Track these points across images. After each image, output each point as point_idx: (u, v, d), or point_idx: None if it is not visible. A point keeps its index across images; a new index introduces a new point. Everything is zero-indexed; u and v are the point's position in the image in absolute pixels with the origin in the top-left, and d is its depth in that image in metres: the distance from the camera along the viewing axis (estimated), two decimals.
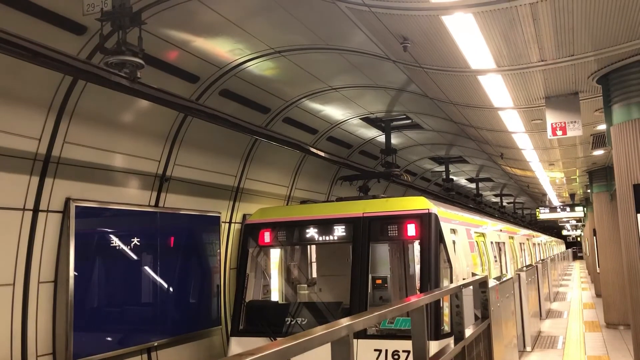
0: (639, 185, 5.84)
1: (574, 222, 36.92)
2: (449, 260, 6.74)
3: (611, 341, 11.00)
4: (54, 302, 5.69)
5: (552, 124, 7.05)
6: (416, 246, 7.13)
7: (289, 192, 10.35)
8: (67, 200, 5.79)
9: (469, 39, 5.16)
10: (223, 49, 6.46)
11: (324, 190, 11.70)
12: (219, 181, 8.29)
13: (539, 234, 27.07)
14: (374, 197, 8.00)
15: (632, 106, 5.95)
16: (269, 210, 7.74)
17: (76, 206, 5.84)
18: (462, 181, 18.96)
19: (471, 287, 5.62)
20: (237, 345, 6.93)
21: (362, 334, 6.06)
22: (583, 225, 33.50)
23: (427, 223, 6.61)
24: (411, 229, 6.66)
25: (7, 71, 4.95)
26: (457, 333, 4.38)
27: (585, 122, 7.89)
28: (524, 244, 16.17)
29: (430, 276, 6.41)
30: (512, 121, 8.42)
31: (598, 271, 16.78)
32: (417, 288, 6.77)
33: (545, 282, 15.73)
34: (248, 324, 7.05)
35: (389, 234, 6.84)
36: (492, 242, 10.47)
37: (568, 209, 21.70)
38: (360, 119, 10.17)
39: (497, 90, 6.82)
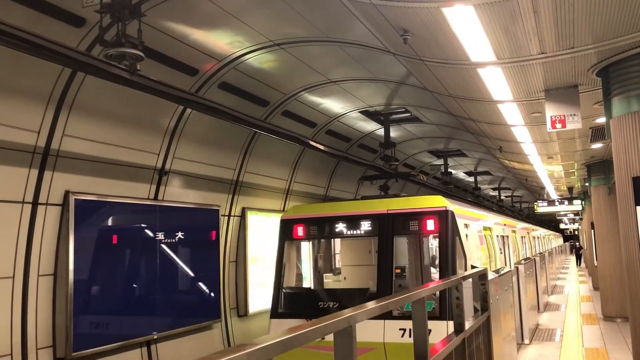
0: (638, 178, 5.84)
1: (571, 216, 36.99)
2: (463, 252, 7.49)
3: (609, 334, 11.05)
4: (54, 295, 5.69)
5: (551, 116, 7.05)
6: (434, 240, 8.20)
7: (288, 186, 10.35)
8: (67, 193, 5.79)
9: (470, 31, 5.14)
10: (222, 41, 6.43)
11: (323, 183, 11.70)
12: (218, 174, 8.28)
13: (538, 227, 27.34)
14: (396, 195, 8.84)
15: (631, 99, 5.94)
16: (302, 207, 8.51)
17: (75, 199, 5.83)
18: (461, 174, 18.97)
19: (470, 279, 5.64)
20: (276, 326, 7.67)
21: (389, 316, 6.81)
22: (581, 219, 33.57)
23: (445, 219, 7.40)
24: (430, 224, 7.46)
25: (6, 63, 4.92)
26: (457, 325, 4.40)
27: (584, 115, 7.89)
28: (524, 237, 17.19)
29: (448, 266, 7.18)
30: (512, 114, 8.42)
31: (596, 264, 16.84)
32: (433, 276, 7.96)
33: (543, 275, 15.78)
34: (285, 307, 7.87)
35: (411, 229, 7.69)
36: (497, 236, 11.24)
37: (566, 202, 21.73)
38: (359, 112, 10.15)
39: (496, 83, 6.81)
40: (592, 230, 16.60)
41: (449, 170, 15.69)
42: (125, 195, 6.57)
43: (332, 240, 9.59)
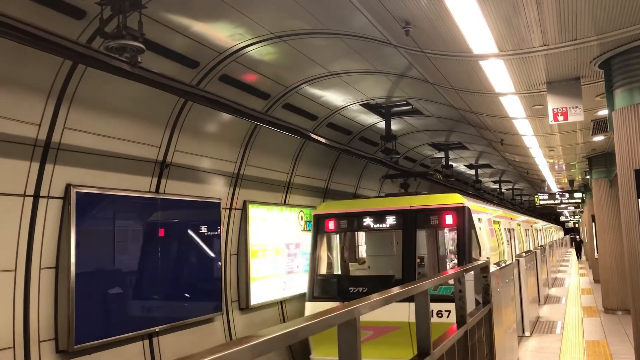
0: None
1: (572, 209, 37.00)
2: (478, 243, 8.44)
3: (609, 326, 11.08)
4: (56, 288, 5.69)
5: (553, 109, 7.03)
6: (449, 232, 9.31)
7: (289, 179, 10.34)
8: (68, 187, 5.78)
9: (472, 23, 5.12)
10: (223, 33, 6.41)
11: (324, 177, 11.69)
12: (219, 167, 8.27)
13: (540, 220, 27.79)
14: (417, 193, 9.96)
15: (634, 91, 5.92)
16: (332, 204, 9.56)
17: (77, 192, 5.83)
18: (462, 167, 18.95)
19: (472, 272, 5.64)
20: (311, 308, 8.68)
21: (412, 299, 7.33)
22: (581, 212, 33.57)
23: (462, 214, 8.36)
24: (449, 219, 8.43)
25: (6, 56, 4.90)
26: (459, 318, 4.40)
27: (586, 108, 7.87)
28: (528, 230, 18.29)
29: (465, 255, 8.10)
30: (513, 107, 8.40)
31: (596, 257, 16.85)
32: (448, 265, 9.11)
33: (543, 268, 15.81)
34: (320, 292, 8.92)
35: (432, 223, 8.63)
36: (505, 229, 12.13)
37: (567, 195, 21.72)
38: (360, 105, 10.13)
39: (498, 76, 6.79)
40: (593, 223, 16.60)
41: (450, 163, 15.68)
42: (126, 189, 6.56)
43: (357, 232, 10.63)
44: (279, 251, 9.90)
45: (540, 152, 13.05)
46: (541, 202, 22.22)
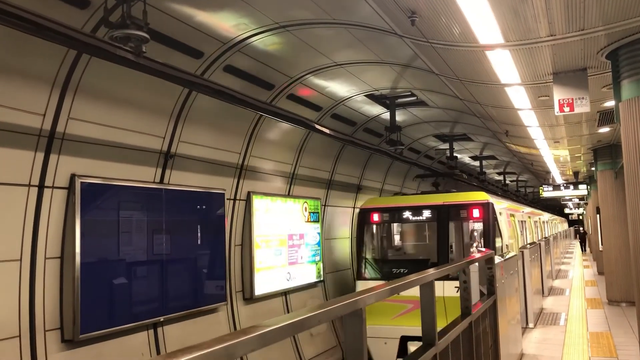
0: None
1: (576, 201, 36.89)
2: (500, 233, 10.18)
3: (613, 318, 11.07)
4: (61, 278, 5.71)
5: (559, 100, 6.99)
6: (474, 224, 10.64)
7: (293, 170, 10.33)
8: (73, 177, 5.78)
9: (478, 12, 5.08)
10: (227, 23, 6.37)
11: (328, 168, 11.67)
12: (223, 158, 8.26)
13: (546, 213, 28.74)
14: (447, 191, 12.16)
15: None
16: (376, 200, 11.80)
17: (81, 182, 5.83)
18: (466, 159, 18.89)
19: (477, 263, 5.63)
20: (361, 285, 10.37)
21: (447, 278, 8.85)
22: (586, 204, 33.49)
23: (487, 209, 10.09)
24: (476, 213, 10.16)
25: (10, 45, 4.89)
26: (464, 309, 4.40)
27: (592, 99, 7.82)
28: (536, 221, 20.37)
29: (490, 243, 9.71)
30: (519, 98, 8.36)
31: (601, 249, 16.82)
32: (473, 251, 10.24)
33: (547, 259, 15.80)
34: (367, 273, 10.87)
35: (461, 216, 10.38)
36: (518, 221, 14.08)
37: (571, 187, 21.65)
38: (364, 95, 10.09)
39: (504, 66, 6.75)
40: (598, 215, 16.56)
41: (455, 154, 15.63)
42: (131, 179, 6.56)
43: (398, 224, 12.29)
44: (283, 242, 9.92)
45: (546, 143, 13.00)
46: (545, 194, 22.14)
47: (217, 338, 1.49)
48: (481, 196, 10.38)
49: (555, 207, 51.46)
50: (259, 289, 8.97)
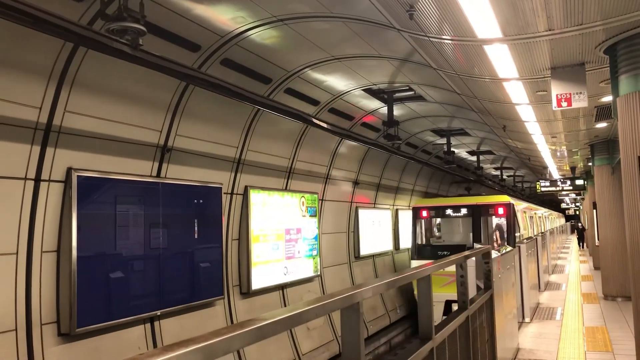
0: None
1: (573, 196, 36.95)
2: (518, 227, 14.22)
3: (609, 313, 11.11)
4: (57, 271, 5.70)
5: (557, 95, 6.98)
6: (498, 219, 14.65)
7: (291, 164, 10.32)
8: (69, 170, 5.76)
9: (477, 6, 5.06)
10: (225, 16, 6.34)
11: (325, 162, 11.67)
12: (220, 152, 8.24)
13: (543, 208, 30.41)
14: (479, 194, 16.71)
15: (639, 77, 5.88)
16: (424, 200, 16.11)
17: (78, 176, 5.81)
18: (463, 154, 18.89)
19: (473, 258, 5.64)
20: (415, 264, 13.78)
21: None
22: (582, 199, 33.55)
23: (509, 208, 14.28)
24: (501, 211, 14.30)
25: (6, 37, 4.86)
26: (461, 303, 4.40)
27: (590, 94, 7.81)
28: (541, 217, 25.09)
29: (511, 235, 13.68)
30: (517, 92, 8.35)
31: (597, 244, 16.86)
32: (497, 243, 14.18)
33: (544, 254, 15.85)
34: (418, 255, 15.02)
35: (490, 213, 14.68)
36: (529, 216, 18.46)
37: (568, 182, 21.67)
38: (362, 90, 10.07)
39: (502, 61, 6.73)
40: (594, 210, 16.58)
41: (452, 149, 15.63)
42: (127, 173, 6.55)
43: (441, 218, 16.52)
44: (280, 236, 9.92)
45: (543, 138, 13.00)
46: (542, 189, 22.18)
47: (214, 331, 1.48)
48: (504, 198, 14.54)
49: (552, 202, 51.58)
50: (256, 283, 8.97)
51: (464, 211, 14.77)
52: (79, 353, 5.82)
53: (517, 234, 13.97)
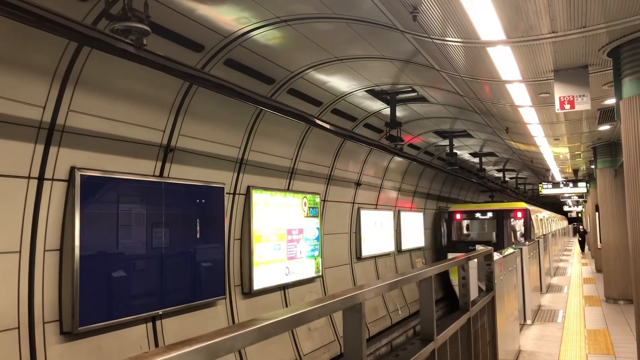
0: None
1: (575, 198, 36.89)
2: (533, 228, 18.88)
3: (611, 315, 11.09)
4: (60, 270, 5.72)
5: (560, 97, 6.98)
6: (517, 221, 19.32)
7: (293, 165, 10.33)
8: (72, 169, 5.78)
9: (480, 9, 5.06)
10: (228, 17, 6.36)
11: (328, 163, 11.67)
12: (223, 152, 8.26)
13: (552, 212, 32.78)
14: (501, 201, 22.04)
15: None
16: (458, 205, 20.64)
17: (81, 175, 5.83)
18: (466, 156, 18.89)
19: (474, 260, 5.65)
20: (451, 255, 15.27)
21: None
22: (585, 201, 33.49)
23: (526, 213, 19.07)
24: (519, 214, 19.12)
25: (10, 37, 4.88)
26: (462, 305, 4.40)
27: (593, 96, 7.81)
28: (548, 219, 29.01)
29: (528, 233, 18.61)
30: (520, 94, 8.34)
31: (599, 247, 16.83)
32: (513, 242, 18.94)
33: (546, 257, 15.83)
34: (452, 249, 19.17)
35: (510, 216, 19.29)
36: (540, 219, 22.34)
37: (571, 184, 21.65)
38: (365, 91, 10.08)
39: (505, 63, 6.73)
40: (597, 213, 16.56)
41: (454, 151, 15.62)
42: (130, 172, 6.56)
43: (471, 220, 20.56)
44: (282, 237, 9.93)
45: (546, 140, 12.99)
46: (545, 191, 22.16)
47: (216, 331, 1.49)
48: (522, 204, 19.45)
49: (554, 204, 51.52)
50: (258, 284, 8.98)
51: (489, 215, 19.51)
52: (81, 352, 5.83)
53: (532, 233, 18.70)
